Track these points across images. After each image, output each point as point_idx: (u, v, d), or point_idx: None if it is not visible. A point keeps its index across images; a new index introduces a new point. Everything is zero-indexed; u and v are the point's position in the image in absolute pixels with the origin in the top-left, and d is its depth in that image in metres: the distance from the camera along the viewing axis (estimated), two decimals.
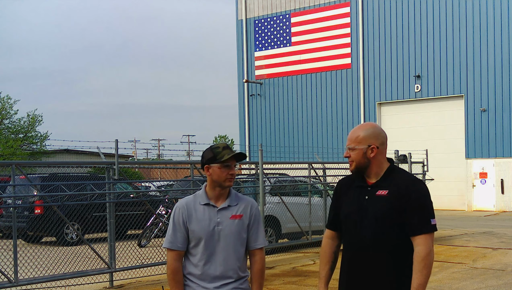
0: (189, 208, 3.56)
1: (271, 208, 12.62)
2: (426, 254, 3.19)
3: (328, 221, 3.59)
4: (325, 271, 3.49)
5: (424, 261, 3.19)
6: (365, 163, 3.38)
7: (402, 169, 3.51)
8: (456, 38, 24.74)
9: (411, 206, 3.23)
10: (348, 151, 3.41)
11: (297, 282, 9.17)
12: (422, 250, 3.20)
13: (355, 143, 3.38)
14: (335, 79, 27.97)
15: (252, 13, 30.40)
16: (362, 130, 3.40)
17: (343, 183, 3.55)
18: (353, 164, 3.39)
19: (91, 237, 12.67)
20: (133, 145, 56.79)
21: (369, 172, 3.38)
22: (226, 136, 70.42)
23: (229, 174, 3.52)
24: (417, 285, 3.18)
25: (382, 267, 3.24)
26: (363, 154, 3.36)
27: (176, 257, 3.55)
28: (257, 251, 3.63)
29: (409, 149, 17.75)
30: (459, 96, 24.87)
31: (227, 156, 3.52)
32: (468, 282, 9.06)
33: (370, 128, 3.40)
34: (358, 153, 3.37)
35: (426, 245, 3.21)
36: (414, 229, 3.23)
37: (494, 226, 17.57)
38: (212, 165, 3.54)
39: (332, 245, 3.53)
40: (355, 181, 3.44)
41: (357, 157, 3.37)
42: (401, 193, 3.26)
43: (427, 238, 3.22)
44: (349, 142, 3.40)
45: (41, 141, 40.06)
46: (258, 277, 3.62)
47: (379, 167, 3.38)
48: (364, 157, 3.36)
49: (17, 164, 8.36)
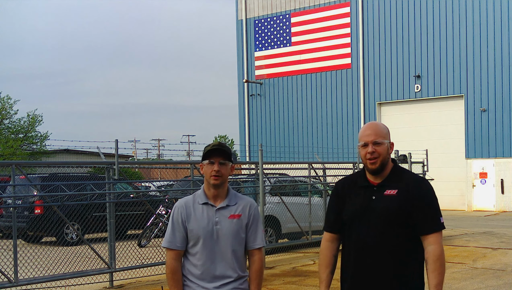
0: (188, 208, 3.56)
1: (271, 208, 12.61)
2: (440, 252, 3.21)
3: (327, 223, 3.50)
4: (325, 274, 3.44)
5: (439, 260, 3.20)
6: (387, 160, 3.29)
7: (406, 169, 3.48)
8: (456, 38, 24.73)
9: (421, 205, 3.22)
10: (371, 146, 3.25)
11: (297, 282, 9.17)
12: (436, 249, 3.20)
13: (382, 137, 3.26)
14: (335, 79, 27.97)
15: (252, 13, 30.39)
16: (381, 126, 3.32)
17: (344, 184, 3.46)
18: (379, 160, 3.25)
19: (91, 237, 12.67)
20: (133, 144, 56.79)
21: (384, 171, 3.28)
22: (226, 136, 70.41)
23: (213, 170, 3.47)
24: (436, 284, 3.18)
25: (389, 266, 3.22)
26: (387, 149, 3.27)
27: (175, 256, 3.55)
28: (255, 251, 3.61)
29: (409, 149, 17.75)
30: (459, 96, 24.87)
31: (209, 147, 3.51)
32: (468, 282, 9.06)
33: (385, 126, 3.35)
34: (385, 148, 3.26)
35: (439, 243, 3.22)
36: (425, 228, 3.21)
37: (494, 226, 17.56)
38: (202, 163, 3.54)
39: (332, 248, 3.46)
40: (358, 181, 3.37)
41: (384, 152, 3.25)
42: (410, 193, 3.23)
43: (438, 236, 3.23)
44: (375, 137, 3.25)
45: (41, 141, 40.06)
46: (256, 277, 3.60)
47: (388, 166, 3.34)
48: (387, 153, 3.28)
49: (17, 164, 8.36)
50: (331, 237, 3.47)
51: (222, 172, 3.49)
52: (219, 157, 3.50)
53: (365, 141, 3.27)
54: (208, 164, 3.50)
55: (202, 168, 3.55)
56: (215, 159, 3.49)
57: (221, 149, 3.51)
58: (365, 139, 3.27)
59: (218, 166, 3.48)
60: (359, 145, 3.33)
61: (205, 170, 3.52)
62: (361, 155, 3.33)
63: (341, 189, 3.44)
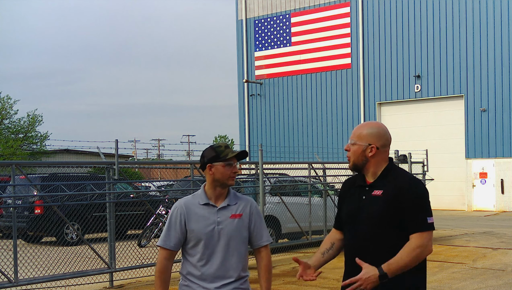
0: (188, 208, 3.56)
1: (271, 208, 12.62)
2: (417, 245, 3.17)
3: (335, 220, 3.62)
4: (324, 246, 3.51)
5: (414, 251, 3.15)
6: (362, 161, 3.36)
7: (401, 169, 3.49)
8: (456, 38, 24.74)
9: (407, 205, 3.22)
10: (349, 144, 3.40)
11: (297, 282, 9.16)
12: (413, 242, 3.18)
13: (356, 138, 3.37)
14: (335, 79, 27.97)
15: (252, 13, 30.40)
16: (366, 128, 3.38)
17: (347, 182, 3.56)
18: (350, 160, 3.40)
19: (91, 237, 12.67)
20: (133, 144, 56.81)
21: (366, 171, 3.37)
22: (226, 137, 70.43)
23: (232, 172, 3.55)
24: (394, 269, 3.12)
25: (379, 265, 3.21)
26: (361, 151, 3.34)
27: (167, 256, 3.57)
28: (262, 248, 3.66)
29: (409, 149, 17.75)
30: (459, 96, 24.87)
31: (231, 154, 3.55)
32: (468, 282, 9.06)
33: (375, 128, 3.38)
34: (357, 149, 3.35)
35: (421, 239, 3.19)
36: (410, 228, 3.22)
37: (494, 226, 17.56)
38: (215, 164, 3.54)
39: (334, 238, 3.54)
40: (357, 180, 3.44)
41: (354, 153, 3.36)
42: (395, 193, 3.24)
43: (422, 235, 3.21)
44: (352, 136, 3.40)
45: (41, 141, 40.08)
46: (265, 272, 3.63)
47: (377, 167, 3.36)
48: (362, 155, 3.34)
49: (17, 164, 8.36)
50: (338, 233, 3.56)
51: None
52: (235, 158, 3.58)
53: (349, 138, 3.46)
54: (226, 165, 3.53)
55: (211, 169, 3.55)
56: (234, 161, 3.57)
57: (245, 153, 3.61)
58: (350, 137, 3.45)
59: (237, 168, 3.59)
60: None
61: (222, 171, 3.53)
62: None
63: (343, 187, 3.55)
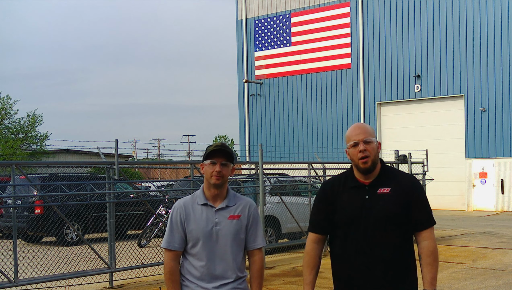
0: (187, 208, 3.56)
1: (271, 208, 12.62)
2: (434, 247, 3.24)
3: (313, 224, 3.45)
4: (311, 276, 3.41)
5: (433, 255, 3.23)
6: (377, 159, 3.29)
7: (394, 167, 3.52)
8: (456, 38, 24.73)
9: (415, 202, 3.24)
10: (363, 144, 3.24)
11: (297, 282, 9.16)
12: (430, 244, 3.23)
13: (372, 135, 3.26)
14: (335, 79, 27.97)
15: (252, 13, 30.39)
16: (367, 126, 3.35)
17: (334, 184, 3.41)
18: (370, 159, 3.24)
19: (91, 237, 12.68)
20: (133, 144, 56.79)
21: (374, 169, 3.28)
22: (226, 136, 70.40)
23: (215, 171, 3.47)
24: (431, 278, 3.19)
25: (387, 263, 3.23)
26: (376, 148, 3.28)
27: (173, 257, 3.55)
28: (256, 251, 3.63)
29: (409, 149, 17.74)
30: (459, 96, 24.87)
31: (211, 148, 3.52)
32: (468, 282, 9.06)
33: (370, 126, 3.38)
34: (374, 147, 3.26)
35: (432, 238, 3.26)
36: (420, 224, 3.24)
37: (494, 226, 17.56)
38: (204, 163, 3.54)
39: (318, 250, 3.44)
40: (347, 181, 3.34)
41: (374, 151, 3.25)
42: (404, 190, 3.25)
43: (431, 232, 3.27)
44: (365, 135, 3.25)
45: (41, 141, 40.03)
46: (257, 277, 3.61)
47: (377, 165, 3.34)
48: (377, 152, 3.29)
49: (17, 164, 8.36)
50: (317, 238, 3.44)
51: (223, 172, 3.50)
52: (221, 157, 3.51)
53: (356, 140, 3.26)
54: (210, 164, 3.50)
55: (203, 168, 3.55)
56: (217, 160, 3.50)
57: (224, 149, 3.52)
58: (355, 139, 3.27)
59: (220, 166, 3.49)
60: (349, 144, 3.30)
61: (206, 169, 3.52)
62: (352, 155, 3.29)
63: (330, 190, 3.40)
